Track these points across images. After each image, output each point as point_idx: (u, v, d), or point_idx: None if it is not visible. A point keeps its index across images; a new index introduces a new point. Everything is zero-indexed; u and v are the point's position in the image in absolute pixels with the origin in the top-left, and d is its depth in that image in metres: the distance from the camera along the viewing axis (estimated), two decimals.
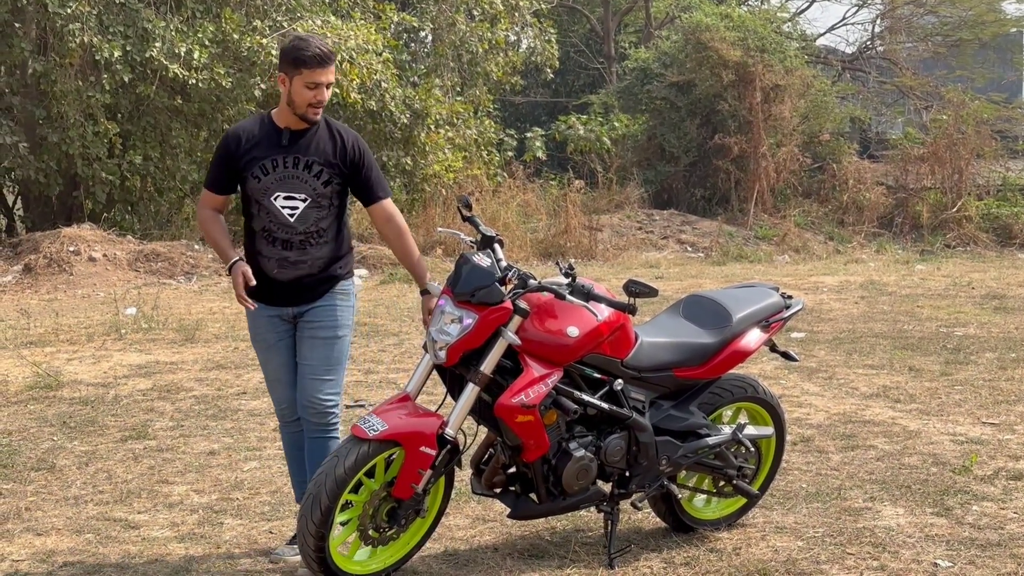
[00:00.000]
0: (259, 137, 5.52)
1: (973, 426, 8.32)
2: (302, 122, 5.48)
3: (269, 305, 5.63)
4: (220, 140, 5.64)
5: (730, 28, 25.79)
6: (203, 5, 19.50)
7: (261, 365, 5.88)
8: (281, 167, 5.47)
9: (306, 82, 5.36)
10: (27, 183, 19.51)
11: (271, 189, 5.47)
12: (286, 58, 5.43)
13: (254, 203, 5.52)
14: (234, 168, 5.53)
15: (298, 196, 5.49)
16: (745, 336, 5.85)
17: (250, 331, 5.82)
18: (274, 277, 5.57)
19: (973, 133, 26.02)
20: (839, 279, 17.88)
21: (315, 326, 5.63)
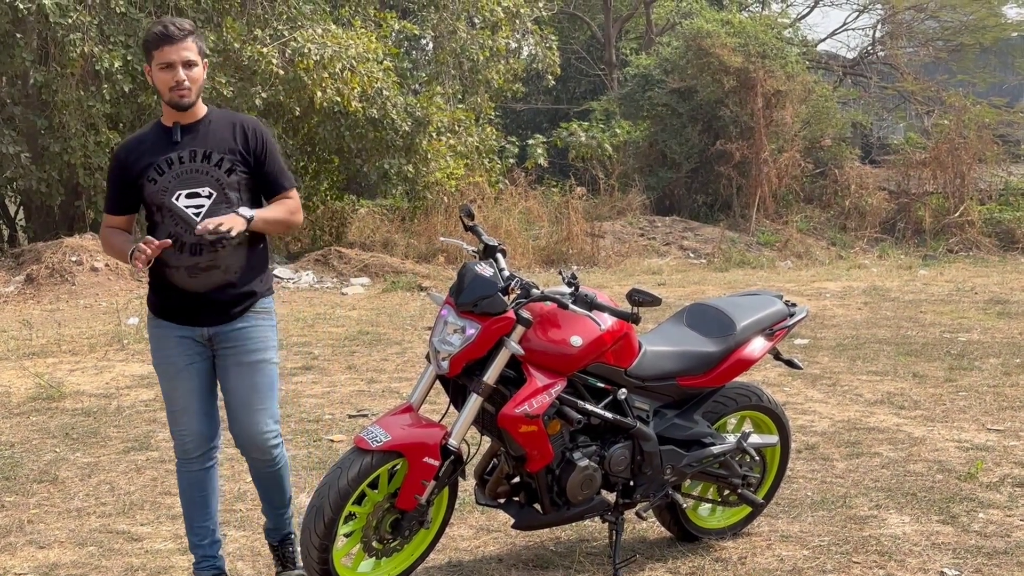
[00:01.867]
0: (150, 141, 5.10)
1: (978, 432, 8.29)
2: (186, 114, 5.05)
3: (180, 324, 5.16)
4: (110, 161, 5.25)
5: (731, 34, 25.82)
6: (204, 15, 19.51)
7: (165, 393, 5.28)
8: (177, 164, 5.02)
9: (159, 64, 4.94)
10: (29, 193, 19.54)
11: (171, 188, 4.99)
12: (143, 48, 5.08)
13: (155, 210, 5.04)
14: (129, 181, 5.07)
15: (202, 192, 5.02)
16: (749, 344, 5.83)
17: (154, 354, 5.28)
18: (184, 288, 5.08)
19: (975, 137, 26.03)
20: (842, 285, 17.87)
21: (239, 350, 5.17)
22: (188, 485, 5.38)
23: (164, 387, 5.27)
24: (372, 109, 20.16)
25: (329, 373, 10.69)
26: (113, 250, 5.21)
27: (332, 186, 23.10)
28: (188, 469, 5.34)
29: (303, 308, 15.39)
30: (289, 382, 10.24)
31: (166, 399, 5.29)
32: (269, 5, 19.79)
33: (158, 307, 5.21)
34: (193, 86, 4.98)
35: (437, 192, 22.14)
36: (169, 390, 5.25)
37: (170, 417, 5.31)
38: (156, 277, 5.16)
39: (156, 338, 5.24)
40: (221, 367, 5.21)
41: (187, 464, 5.33)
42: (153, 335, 5.26)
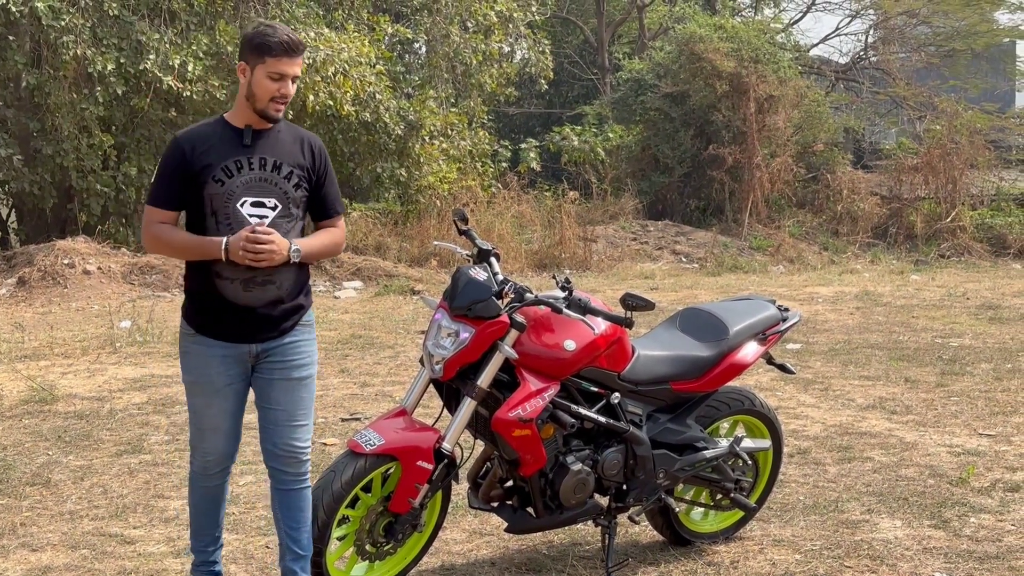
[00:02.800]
0: (215, 139, 4.79)
1: (970, 437, 8.32)
2: (263, 120, 4.82)
3: (225, 341, 4.85)
4: (166, 150, 4.84)
5: (724, 39, 25.83)
6: (197, 18, 19.51)
7: (195, 409, 4.98)
8: (247, 169, 4.76)
9: (270, 72, 4.71)
10: (21, 196, 19.49)
11: (237, 194, 4.74)
12: (249, 44, 4.79)
13: (211, 213, 4.75)
14: (190, 175, 4.74)
15: (267, 203, 4.78)
16: (742, 349, 5.85)
17: (189, 371, 4.95)
18: (237, 303, 4.79)
19: (967, 143, 26.08)
20: (834, 289, 17.90)
21: (287, 365, 4.93)
22: (201, 498, 5.14)
23: (196, 404, 4.97)
24: (365, 113, 20.15)
25: (322, 377, 10.67)
26: (174, 244, 4.82)
27: None
28: (204, 484, 5.11)
29: None
30: None
31: (195, 415, 5.00)
32: (262, 9, 19.78)
33: (201, 323, 4.88)
34: (289, 100, 4.84)
35: (430, 196, 22.13)
36: (202, 407, 4.96)
37: (196, 434, 5.03)
38: (202, 289, 4.84)
39: (195, 355, 4.91)
40: (265, 381, 4.93)
41: (205, 479, 5.10)
42: (191, 351, 4.92)
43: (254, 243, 4.62)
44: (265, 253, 4.64)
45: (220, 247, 4.66)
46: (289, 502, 5.04)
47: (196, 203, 4.77)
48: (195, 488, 5.14)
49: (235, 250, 4.63)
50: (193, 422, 5.03)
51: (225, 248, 4.65)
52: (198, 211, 4.78)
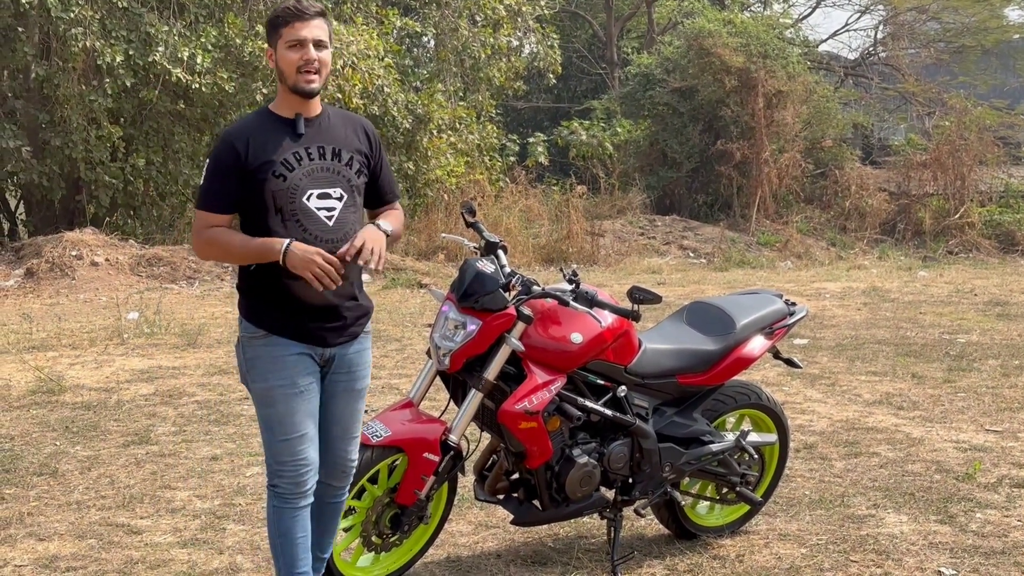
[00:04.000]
0: (268, 132, 4.49)
1: (976, 433, 8.31)
2: (308, 106, 4.55)
3: (301, 342, 4.56)
4: (216, 149, 4.49)
5: (732, 34, 25.83)
6: (206, 10, 19.54)
7: (278, 419, 4.56)
8: (307, 160, 4.49)
9: (287, 42, 4.45)
10: (30, 187, 19.56)
11: (302, 187, 4.46)
12: (267, 27, 4.56)
13: (278, 211, 4.45)
14: (246, 173, 4.43)
15: (333, 193, 4.52)
16: (748, 343, 5.84)
17: (265, 376, 4.56)
18: (311, 301, 4.52)
19: (976, 139, 26.04)
20: (842, 285, 17.87)
21: (352, 376, 4.75)
22: (293, 525, 4.65)
23: (279, 411, 4.55)
24: (373, 106, 20.18)
25: None
26: (230, 249, 4.49)
27: None
28: (295, 506, 4.63)
29: None
30: None
31: (279, 425, 4.56)
32: (271, 1, 19.80)
33: (274, 323, 4.54)
34: (322, 70, 4.50)
35: (437, 190, 22.17)
36: (287, 414, 4.54)
37: (283, 447, 4.57)
38: (271, 289, 4.52)
39: (270, 358, 4.54)
40: (328, 392, 4.71)
41: (295, 500, 4.62)
42: (264, 354, 4.55)
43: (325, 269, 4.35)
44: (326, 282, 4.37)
45: (278, 251, 4.37)
46: (326, 514, 4.92)
47: (256, 202, 4.47)
48: (284, 516, 4.65)
49: (301, 262, 4.34)
50: (276, 435, 4.58)
51: (285, 253, 4.35)
52: (258, 210, 4.48)
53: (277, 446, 4.57)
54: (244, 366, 4.63)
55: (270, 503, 4.66)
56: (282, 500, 4.62)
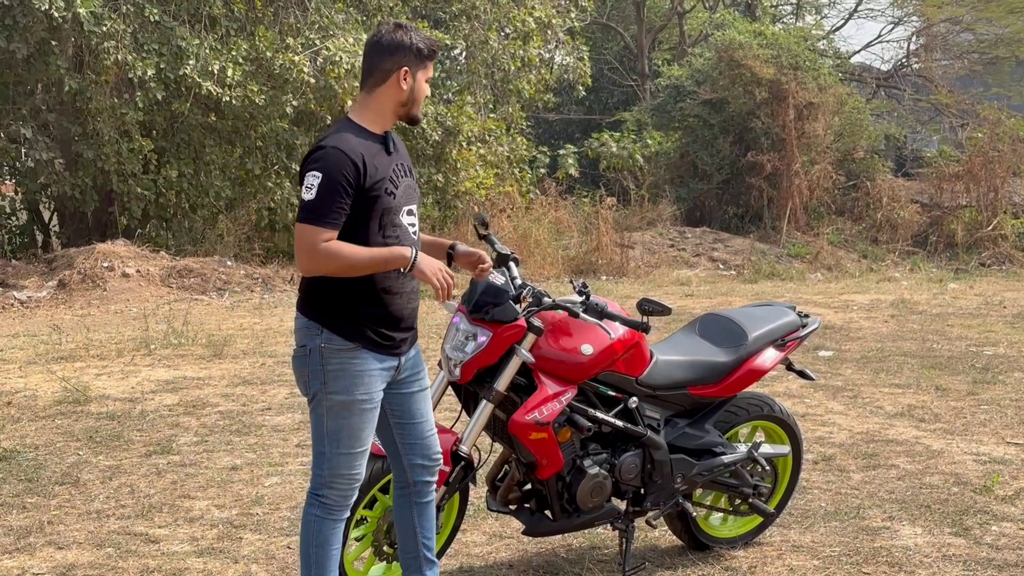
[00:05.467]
0: (371, 149, 4.56)
1: (997, 446, 8.28)
2: (392, 124, 4.72)
3: (386, 355, 4.68)
4: (331, 164, 4.45)
5: (763, 46, 25.79)
6: (237, 23, 19.67)
7: (353, 432, 4.63)
8: (400, 176, 4.64)
9: (428, 76, 4.70)
10: (63, 199, 19.73)
11: (401, 204, 4.62)
12: (411, 50, 4.62)
13: (380, 228, 4.57)
14: (365, 188, 4.49)
15: (415, 209, 4.74)
16: (760, 355, 5.86)
17: (349, 390, 4.61)
18: (402, 316, 4.69)
19: (1009, 151, 25.91)
20: (870, 297, 17.81)
21: (420, 375, 4.89)
22: (331, 536, 4.75)
23: (351, 424, 4.63)
24: None
25: None
26: (355, 261, 4.49)
27: None
28: (337, 518, 4.73)
29: None
30: None
31: (348, 439, 4.64)
32: (301, 15, 19.92)
33: (365, 338, 4.60)
34: None
35: (467, 201, 22.22)
36: (359, 428, 4.64)
37: (344, 459, 4.65)
38: (369, 304, 4.60)
39: (356, 372, 4.59)
40: (406, 395, 4.84)
41: (339, 512, 4.72)
42: (350, 368, 4.59)
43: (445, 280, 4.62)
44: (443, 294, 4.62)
45: (408, 258, 4.53)
46: (426, 513, 4.99)
47: (363, 217, 4.53)
48: (326, 527, 4.72)
49: (430, 269, 4.57)
50: (341, 447, 4.64)
51: (414, 259, 4.54)
52: (363, 225, 4.54)
53: (338, 458, 4.64)
54: (321, 376, 4.62)
55: (310, 512, 4.71)
56: (326, 511, 4.69)
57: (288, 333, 13.66)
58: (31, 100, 19.09)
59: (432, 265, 4.57)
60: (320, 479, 4.68)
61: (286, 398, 9.92)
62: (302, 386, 4.72)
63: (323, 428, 4.65)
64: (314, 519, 4.71)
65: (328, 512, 4.69)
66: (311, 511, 4.71)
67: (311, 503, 4.71)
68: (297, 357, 4.69)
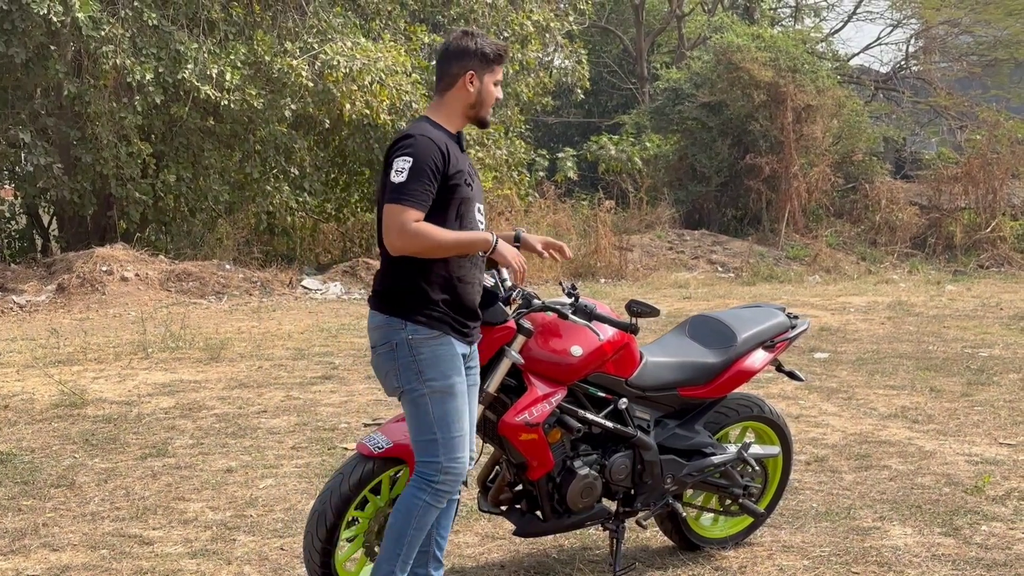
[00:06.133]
0: (451, 142, 4.81)
1: (989, 447, 8.31)
2: (476, 126, 5.02)
3: (464, 342, 4.89)
4: (419, 149, 4.67)
5: (761, 49, 25.87)
6: (235, 27, 19.74)
7: (452, 416, 4.81)
8: (473, 174, 4.92)
9: (496, 79, 4.86)
10: (62, 203, 19.80)
11: (475, 198, 4.87)
12: (477, 54, 4.83)
13: (458, 218, 4.78)
14: (447, 176, 4.72)
15: (482, 206, 4.98)
16: (750, 356, 5.88)
17: (444, 376, 4.79)
18: (471, 305, 4.88)
19: (1008, 153, 25.99)
20: (867, 299, 17.86)
21: (474, 370, 5.02)
22: (430, 521, 4.92)
23: (458, 408, 4.81)
24: (401, 122, 20.28)
25: (348, 383, 10.78)
26: (440, 242, 4.66)
27: (363, 198, 23.29)
28: (442, 504, 4.91)
29: (329, 319, 15.50)
30: (308, 391, 10.35)
31: (454, 421, 4.81)
32: (300, 19, 19.98)
33: (448, 324, 4.79)
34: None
35: None
36: (461, 409, 4.82)
37: (455, 443, 4.81)
38: (447, 293, 4.78)
39: (448, 356, 4.79)
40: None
41: (443, 499, 4.89)
42: (444, 353, 4.78)
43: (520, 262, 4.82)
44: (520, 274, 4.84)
45: (490, 242, 4.74)
46: (446, 510, 5.10)
47: (443, 206, 4.73)
48: (431, 513, 4.88)
49: (510, 252, 4.81)
50: (454, 430, 4.81)
51: (495, 243, 4.75)
52: (442, 213, 4.72)
53: (453, 441, 4.80)
54: (415, 367, 4.77)
55: (420, 498, 4.82)
56: (436, 498, 4.84)
57: (285, 337, 13.70)
58: (30, 105, 19.17)
59: (511, 249, 4.81)
60: (436, 466, 4.79)
61: (282, 401, 9.96)
62: (392, 380, 4.85)
63: (429, 416, 4.78)
64: (423, 505, 4.83)
65: (437, 499, 4.84)
66: (421, 496, 4.82)
67: (421, 488, 4.82)
68: (382, 354, 4.84)
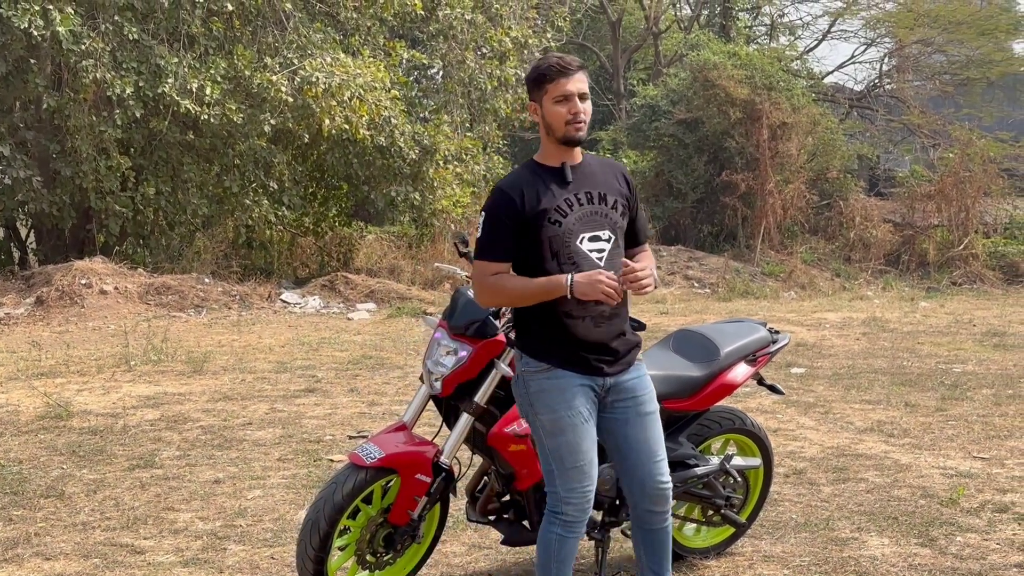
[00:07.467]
0: (539, 182, 4.77)
1: (964, 460, 8.46)
2: (572, 154, 4.85)
3: (583, 374, 4.80)
4: (492, 202, 4.79)
5: (738, 66, 26.06)
6: (215, 42, 19.79)
7: (567, 447, 4.77)
8: (577, 205, 4.77)
9: (554, 97, 4.74)
10: (40, 216, 19.79)
11: (575, 231, 4.74)
12: (529, 83, 4.88)
13: (554, 256, 4.73)
14: (524, 222, 4.71)
15: (602, 235, 4.79)
16: (732, 370, 6.00)
17: (552, 406, 4.78)
18: (587, 339, 4.78)
19: (980, 171, 26.25)
20: (842, 315, 18.03)
21: (638, 401, 4.89)
22: (572, 551, 4.91)
23: (567, 441, 4.77)
24: (380, 137, 20.38)
25: (331, 395, 10.88)
26: (516, 293, 4.75)
27: (340, 212, 23.39)
28: (577, 533, 4.88)
29: (309, 332, 15.59)
30: (292, 404, 10.44)
31: (567, 454, 4.77)
32: (280, 34, 20.06)
33: (557, 357, 4.79)
34: (587, 119, 4.79)
35: (444, 220, 22.38)
36: (575, 442, 4.77)
37: (572, 473, 4.79)
38: (551, 328, 4.78)
39: (557, 389, 4.77)
40: (620, 420, 4.89)
41: (578, 527, 4.86)
42: (548, 387, 4.78)
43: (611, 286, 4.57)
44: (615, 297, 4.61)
45: (565, 285, 4.61)
46: (654, 542, 5.09)
47: (534, 247, 4.74)
48: (568, 543, 4.88)
49: (588, 287, 4.59)
50: (567, 463, 4.79)
51: (571, 286, 4.61)
52: (536, 255, 4.75)
53: (567, 473, 4.79)
54: (527, 399, 4.85)
55: (552, 532, 4.85)
56: (567, 528, 4.84)
57: (266, 350, 13.79)
58: (9, 118, 19.18)
59: (588, 282, 4.58)
60: (555, 496, 4.84)
61: (266, 413, 10.05)
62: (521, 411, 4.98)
63: (544, 448, 4.84)
64: (556, 538, 4.85)
65: (569, 530, 4.84)
66: (552, 530, 4.85)
67: (551, 522, 4.86)
68: (514, 384, 4.96)
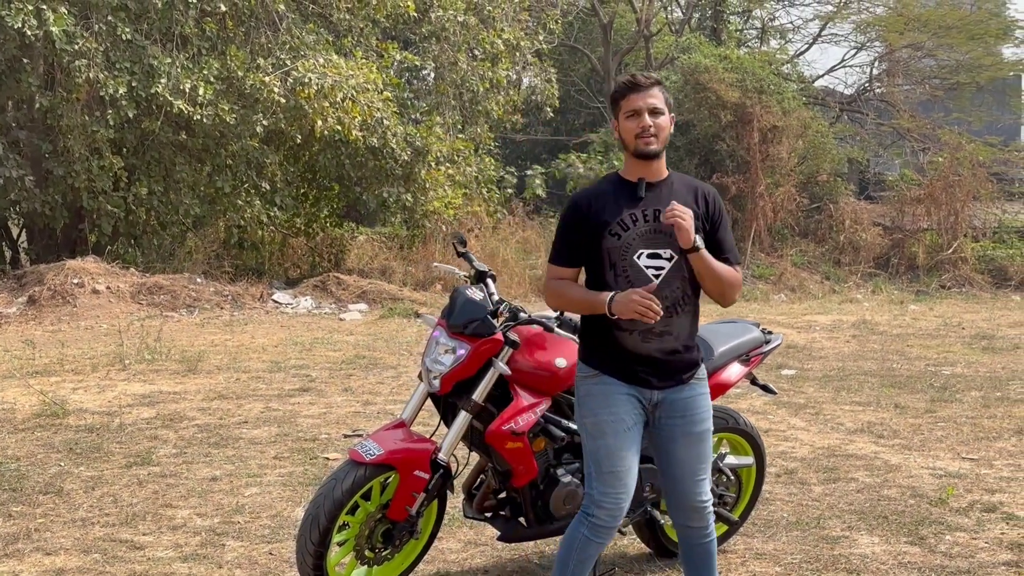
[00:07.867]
0: (610, 194, 4.87)
1: (953, 461, 8.56)
2: (651, 171, 4.87)
3: (628, 383, 4.86)
4: (566, 209, 4.95)
5: (728, 69, 26.12)
6: (208, 43, 19.83)
7: (607, 452, 4.84)
8: (642, 221, 4.80)
9: (625, 112, 4.81)
10: (32, 216, 19.81)
11: (634, 246, 4.79)
12: (610, 101, 4.98)
13: (609, 266, 4.81)
14: (588, 231, 4.83)
15: (663, 254, 4.80)
16: (726, 370, 6.09)
17: (596, 411, 4.87)
18: (636, 351, 4.83)
19: (969, 175, 26.34)
20: (832, 318, 18.13)
21: (688, 419, 4.91)
22: (595, 553, 4.98)
23: (607, 445, 4.84)
24: (372, 138, 20.43)
25: (326, 395, 10.95)
26: (570, 300, 4.89)
27: (332, 213, 23.44)
28: (600, 539, 4.92)
29: (301, 333, 15.64)
30: (287, 403, 10.50)
31: (606, 458, 4.84)
32: (272, 35, 20.11)
33: (605, 364, 4.88)
34: (660, 133, 4.79)
35: (435, 221, 22.44)
36: (615, 448, 4.83)
37: (608, 477, 4.85)
38: (602, 338, 4.88)
39: (602, 395, 4.87)
40: (666, 436, 4.93)
41: (607, 533, 4.93)
42: (597, 391, 4.88)
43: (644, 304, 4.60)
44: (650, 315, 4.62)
45: (604, 303, 4.70)
46: (696, 557, 5.14)
47: (596, 257, 4.84)
48: (592, 546, 4.94)
49: (623, 306, 4.65)
50: (604, 467, 4.85)
51: (609, 304, 4.69)
52: (598, 265, 4.85)
53: (604, 477, 4.85)
54: (577, 402, 4.99)
55: (579, 531, 4.91)
56: (595, 531, 4.89)
57: (260, 350, 13.85)
58: (2, 117, 19.25)
59: (623, 301, 4.65)
60: (590, 498, 4.89)
61: (262, 412, 10.11)
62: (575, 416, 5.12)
63: (586, 450, 4.92)
64: (582, 538, 4.91)
65: (596, 534, 4.89)
66: (580, 530, 4.91)
67: (581, 522, 4.92)
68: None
